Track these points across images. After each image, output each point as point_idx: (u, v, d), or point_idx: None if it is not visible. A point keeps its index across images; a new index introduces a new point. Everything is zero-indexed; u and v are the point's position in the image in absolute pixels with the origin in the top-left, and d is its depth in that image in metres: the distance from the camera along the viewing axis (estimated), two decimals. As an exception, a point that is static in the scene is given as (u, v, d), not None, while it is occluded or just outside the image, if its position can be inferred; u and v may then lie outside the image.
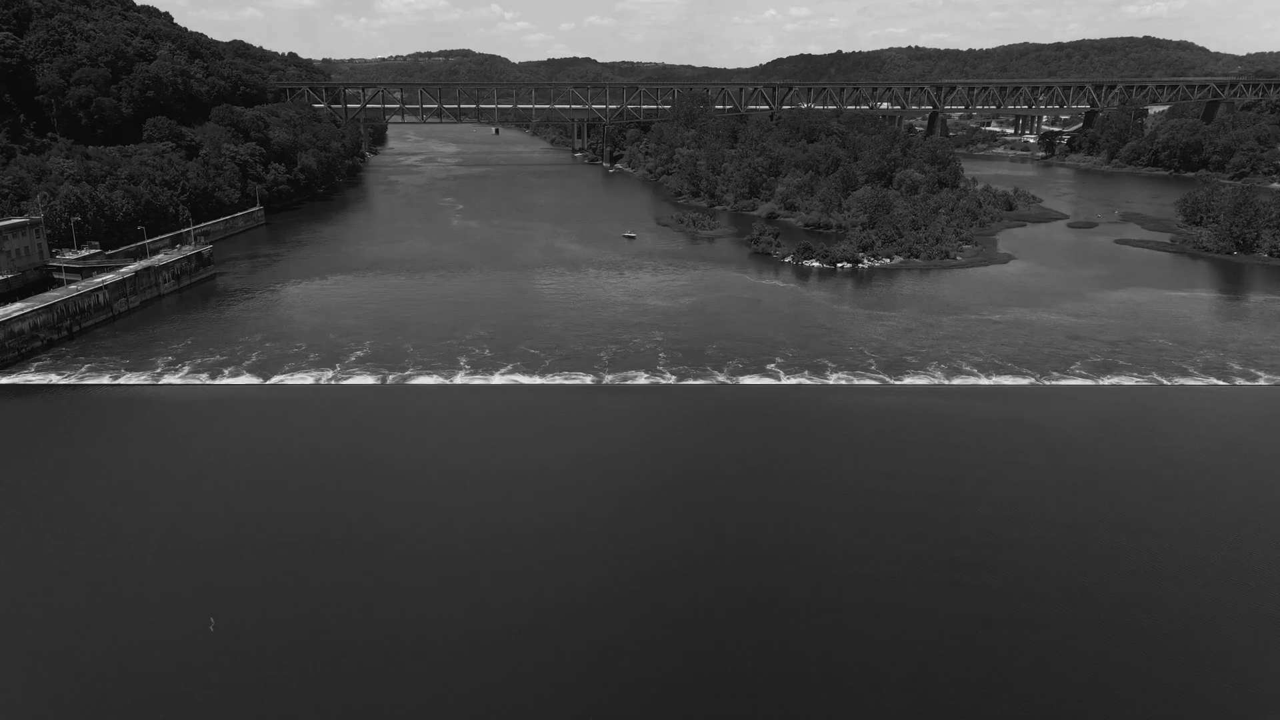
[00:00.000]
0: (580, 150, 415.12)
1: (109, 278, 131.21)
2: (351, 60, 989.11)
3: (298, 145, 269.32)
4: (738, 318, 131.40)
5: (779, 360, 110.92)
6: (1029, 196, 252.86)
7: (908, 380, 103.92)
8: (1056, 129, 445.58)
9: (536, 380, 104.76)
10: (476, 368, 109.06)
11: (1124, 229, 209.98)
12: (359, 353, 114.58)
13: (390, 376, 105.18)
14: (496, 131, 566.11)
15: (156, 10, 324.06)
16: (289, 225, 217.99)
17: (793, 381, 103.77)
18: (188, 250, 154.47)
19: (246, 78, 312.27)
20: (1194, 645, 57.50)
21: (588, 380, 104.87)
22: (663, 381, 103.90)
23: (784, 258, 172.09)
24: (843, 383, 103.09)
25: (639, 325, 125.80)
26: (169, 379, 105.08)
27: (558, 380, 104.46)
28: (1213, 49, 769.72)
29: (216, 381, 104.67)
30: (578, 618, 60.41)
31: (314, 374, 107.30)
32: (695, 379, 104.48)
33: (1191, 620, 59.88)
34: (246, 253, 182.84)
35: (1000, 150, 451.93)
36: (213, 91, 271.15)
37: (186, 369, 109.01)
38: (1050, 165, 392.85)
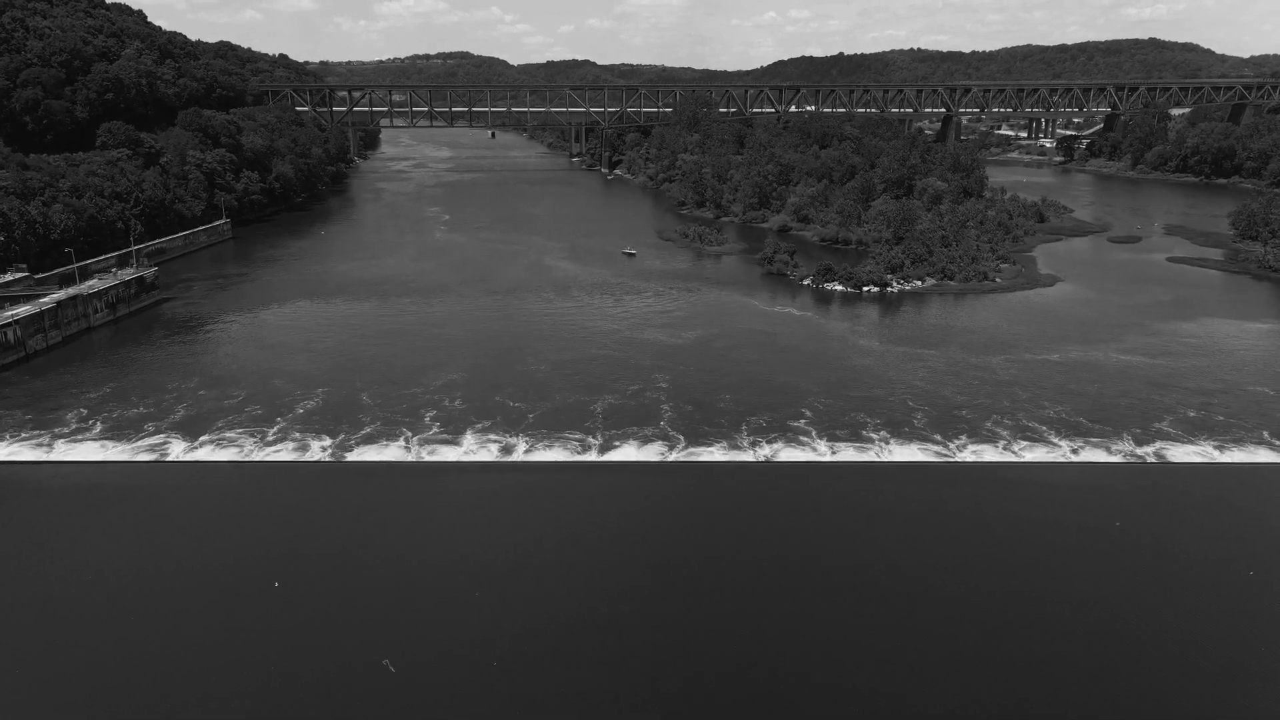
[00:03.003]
0: (578, 155, 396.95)
1: (23, 310, 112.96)
2: (349, 63, 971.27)
3: (274, 151, 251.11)
4: (753, 357, 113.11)
5: (807, 416, 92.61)
6: (1059, 206, 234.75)
7: (970, 450, 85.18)
8: (1072, 133, 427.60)
9: (514, 445, 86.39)
10: (445, 426, 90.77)
11: (1171, 244, 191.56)
12: (307, 404, 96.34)
13: (335, 443, 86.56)
14: (492, 135, 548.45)
15: (128, 8, 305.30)
16: (258, 239, 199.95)
17: (829, 455, 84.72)
18: (127, 273, 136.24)
19: (223, 79, 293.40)
20: None
21: (577, 441, 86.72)
22: (667, 457, 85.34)
23: (802, 280, 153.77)
24: (893, 459, 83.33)
25: (638, 367, 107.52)
26: (65, 447, 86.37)
27: (540, 447, 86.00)
28: (1217, 51, 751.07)
29: (114, 457, 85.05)
30: None
31: (248, 433, 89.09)
32: (708, 444, 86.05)
33: None
34: (205, 272, 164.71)
35: (1015, 155, 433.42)
36: (183, 94, 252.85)
37: (97, 427, 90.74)
38: (1069, 171, 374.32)
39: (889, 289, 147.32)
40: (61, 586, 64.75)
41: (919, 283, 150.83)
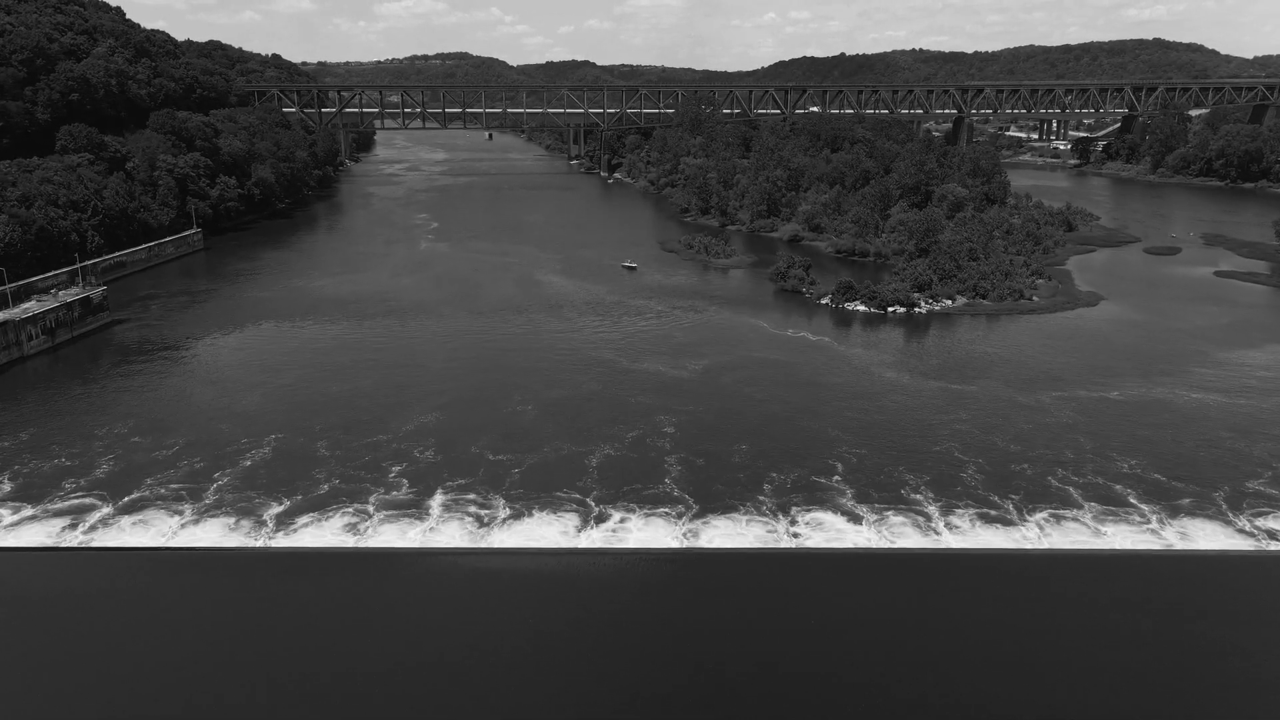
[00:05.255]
0: (576, 158, 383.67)
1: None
2: (347, 64, 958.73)
3: (253, 155, 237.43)
4: (769, 393, 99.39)
5: (839, 472, 79.00)
6: (1086, 213, 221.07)
7: (1038, 519, 71.35)
8: (1085, 134, 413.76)
9: (494, 513, 72.74)
10: (413, 483, 77.24)
11: (1215, 255, 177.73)
12: (255, 454, 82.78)
13: (279, 511, 72.75)
14: (490, 137, 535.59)
15: (106, 5, 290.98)
16: (232, 250, 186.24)
17: (872, 532, 70.94)
18: (71, 294, 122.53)
19: (205, 79, 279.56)
20: None
21: (572, 506, 73.24)
22: (675, 527, 71.72)
23: (819, 298, 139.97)
24: (956, 546, 67.94)
25: (640, 408, 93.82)
26: (-46, 516, 72.86)
27: (524, 515, 72.30)
28: (1222, 51, 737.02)
29: (10, 532, 71.72)
30: None
31: (184, 490, 75.61)
32: (725, 512, 72.37)
33: None
34: (168, 289, 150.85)
35: (1027, 157, 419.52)
36: (159, 95, 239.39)
37: (5, 486, 77.20)
38: (1084, 174, 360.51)
39: (916, 309, 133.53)
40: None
41: (949, 302, 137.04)
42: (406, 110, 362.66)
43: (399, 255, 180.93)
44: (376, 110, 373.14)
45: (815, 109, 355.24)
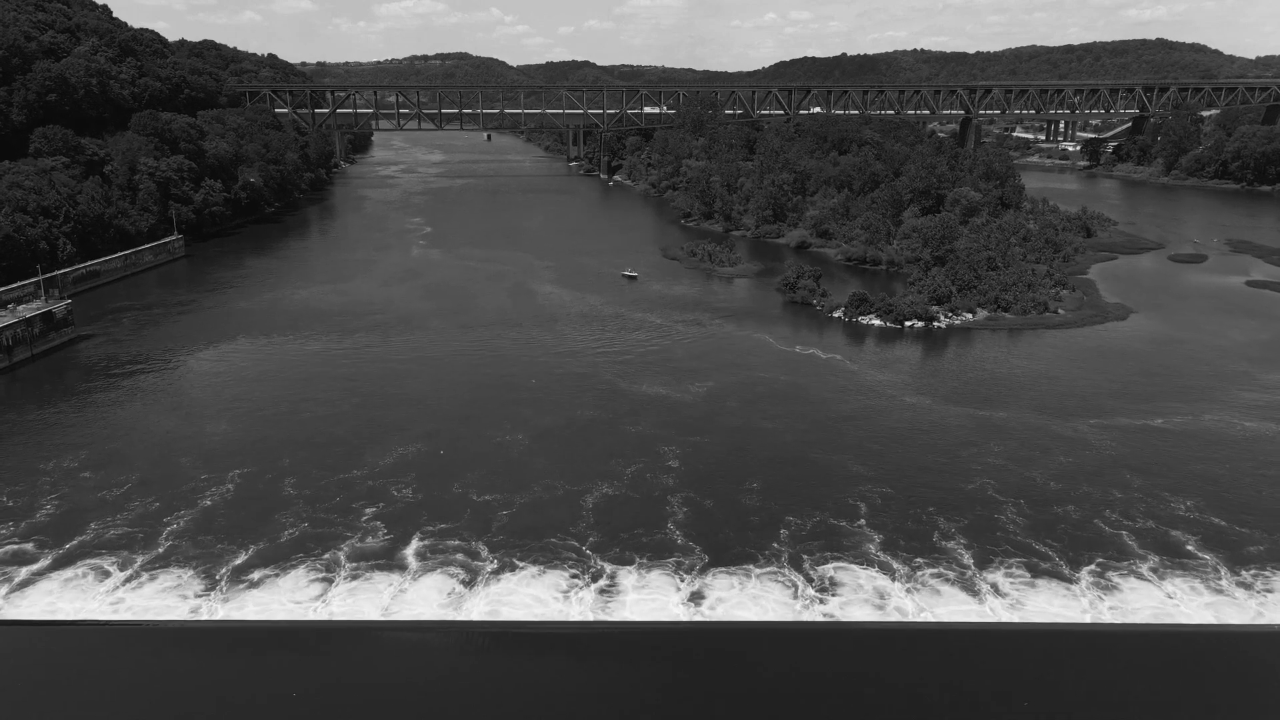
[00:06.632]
0: (576, 159, 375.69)
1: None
2: (346, 64, 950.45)
3: (241, 157, 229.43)
4: (779, 420, 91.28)
5: (863, 513, 70.96)
6: (1103, 218, 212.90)
7: (1089, 572, 63.32)
8: (1093, 135, 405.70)
9: (480, 564, 64.77)
10: (390, 528, 69.24)
11: (1243, 262, 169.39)
12: (215, 492, 74.81)
13: (235, 566, 64.60)
14: (488, 138, 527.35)
15: (92, 3, 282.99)
16: (215, 257, 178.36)
17: (902, 591, 62.96)
18: (31, 309, 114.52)
19: (193, 79, 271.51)
20: None
21: (568, 556, 65.31)
22: (681, 587, 63.65)
23: (830, 311, 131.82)
24: (1008, 614, 59.44)
25: (639, 438, 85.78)
26: None
27: (510, 569, 64.30)
28: (1225, 52, 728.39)
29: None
30: None
31: (133, 534, 67.77)
32: (737, 565, 64.23)
33: None
34: (142, 300, 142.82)
35: (1035, 159, 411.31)
36: (143, 95, 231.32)
37: (-69, 531, 69.30)
38: (1094, 176, 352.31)
39: (935, 324, 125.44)
40: None
41: (969, 315, 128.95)
42: (403, 111, 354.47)
43: (389, 263, 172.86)
44: (372, 111, 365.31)
45: (818, 110, 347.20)
